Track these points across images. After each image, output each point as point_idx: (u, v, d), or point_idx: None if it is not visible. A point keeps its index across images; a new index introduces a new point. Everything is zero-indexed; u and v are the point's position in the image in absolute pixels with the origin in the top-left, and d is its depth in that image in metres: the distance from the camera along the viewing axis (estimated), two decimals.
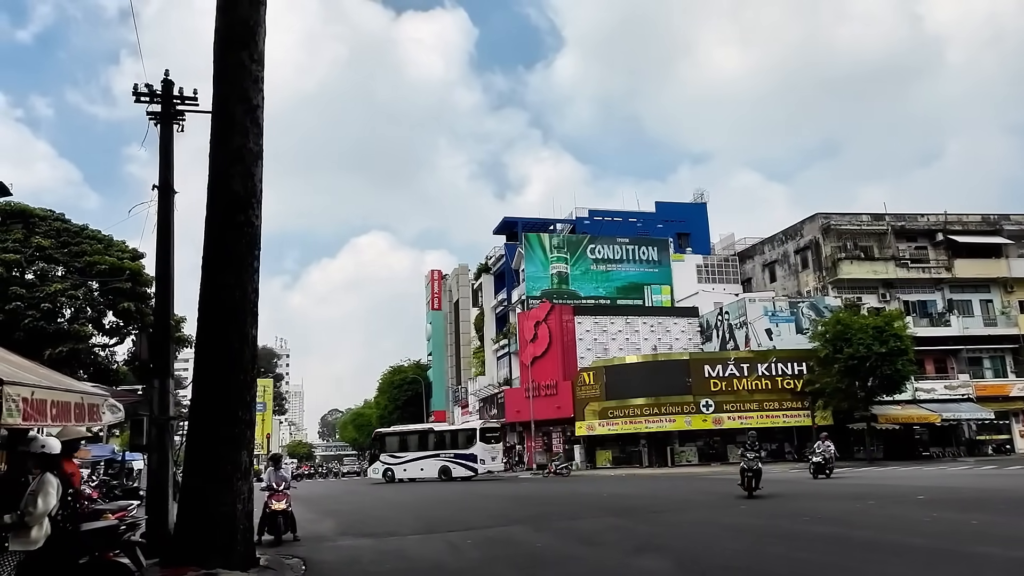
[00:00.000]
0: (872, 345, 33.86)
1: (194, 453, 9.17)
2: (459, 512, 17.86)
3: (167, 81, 12.46)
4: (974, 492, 16.99)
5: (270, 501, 12.85)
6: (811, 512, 13.73)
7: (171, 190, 12.10)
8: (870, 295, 43.59)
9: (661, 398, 40.69)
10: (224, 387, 9.16)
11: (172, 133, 12.36)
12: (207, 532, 8.77)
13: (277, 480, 13.30)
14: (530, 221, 57.72)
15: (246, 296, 9.50)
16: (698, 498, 18.89)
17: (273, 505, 12.77)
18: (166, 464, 11.04)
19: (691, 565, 8.48)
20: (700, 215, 59.67)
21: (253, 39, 10.14)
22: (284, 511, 12.77)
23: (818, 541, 9.82)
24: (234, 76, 9.99)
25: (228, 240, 9.59)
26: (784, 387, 39.98)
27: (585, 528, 12.85)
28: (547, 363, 46.39)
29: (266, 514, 12.74)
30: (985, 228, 45.55)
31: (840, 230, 44.80)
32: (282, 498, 12.89)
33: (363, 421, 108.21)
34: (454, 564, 9.69)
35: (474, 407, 60.03)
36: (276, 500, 12.84)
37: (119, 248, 31.19)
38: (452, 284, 73.83)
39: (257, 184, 9.94)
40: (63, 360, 27.28)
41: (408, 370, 78.82)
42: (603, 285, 51.84)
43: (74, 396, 8.82)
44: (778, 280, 49.96)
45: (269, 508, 12.76)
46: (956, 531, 10.36)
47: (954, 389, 41.83)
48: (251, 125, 9.95)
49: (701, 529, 12.17)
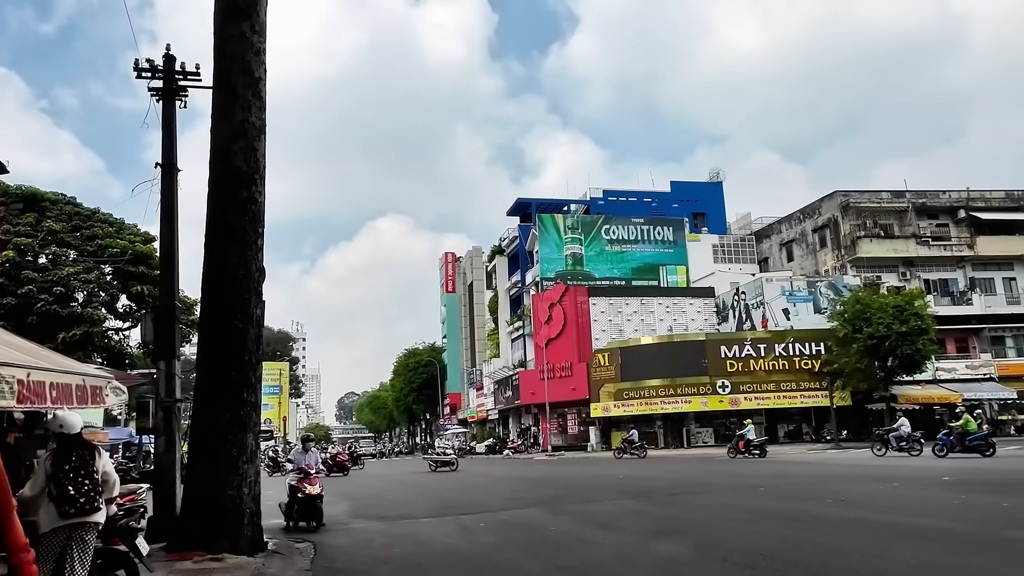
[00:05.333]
0: (892, 324, 33.24)
1: (199, 436, 8.95)
2: (474, 494, 17.66)
3: (168, 56, 12.14)
4: (1000, 474, 16.53)
5: (303, 485, 11.99)
6: (834, 495, 13.36)
7: (174, 168, 11.83)
8: (890, 274, 42.83)
9: (677, 379, 40.32)
10: (229, 368, 8.90)
11: (174, 109, 12.06)
12: (213, 516, 8.56)
13: (310, 463, 12.59)
14: (544, 202, 57.17)
15: (250, 275, 9.22)
16: (717, 480, 18.56)
17: (307, 489, 11.93)
18: (173, 447, 10.85)
19: (713, 550, 8.16)
20: (716, 194, 58.84)
21: (254, 9, 9.78)
22: (319, 496, 12.01)
23: (845, 525, 9.46)
24: (235, 48, 9.64)
25: (231, 217, 9.30)
26: (802, 367, 39.46)
27: (601, 511, 12.57)
28: (562, 345, 46.10)
29: (300, 499, 11.91)
30: (1009, 205, 44.53)
31: (859, 208, 43.95)
32: (315, 481, 12.12)
33: (379, 404, 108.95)
34: (466, 548, 9.43)
35: (489, 389, 59.97)
36: (311, 484, 12.02)
37: (131, 231, 31.16)
38: (466, 267, 73.56)
39: (260, 159, 9.63)
40: (77, 344, 27.36)
41: (423, 353, 78.93)
42: (618, 266, 51.34)
43: (75, 378, 8.60)
44: (795, 259, 49.22)
45: (304, 493, 11.89)
46: (988, 515, 9.96)
47: (976, 368, 41.11)
48: (253, 99, 9.62)
49: (722, 512, 11.84)
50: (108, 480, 5.67)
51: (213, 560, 8.12)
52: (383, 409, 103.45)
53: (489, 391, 59.88)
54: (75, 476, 5.32)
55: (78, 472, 5.34)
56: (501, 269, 62.12)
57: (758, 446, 28.19)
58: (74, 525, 5.30)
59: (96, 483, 5.44)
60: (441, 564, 8.43)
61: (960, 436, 22.89)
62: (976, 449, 22.28)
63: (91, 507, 5.36)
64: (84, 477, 5.36)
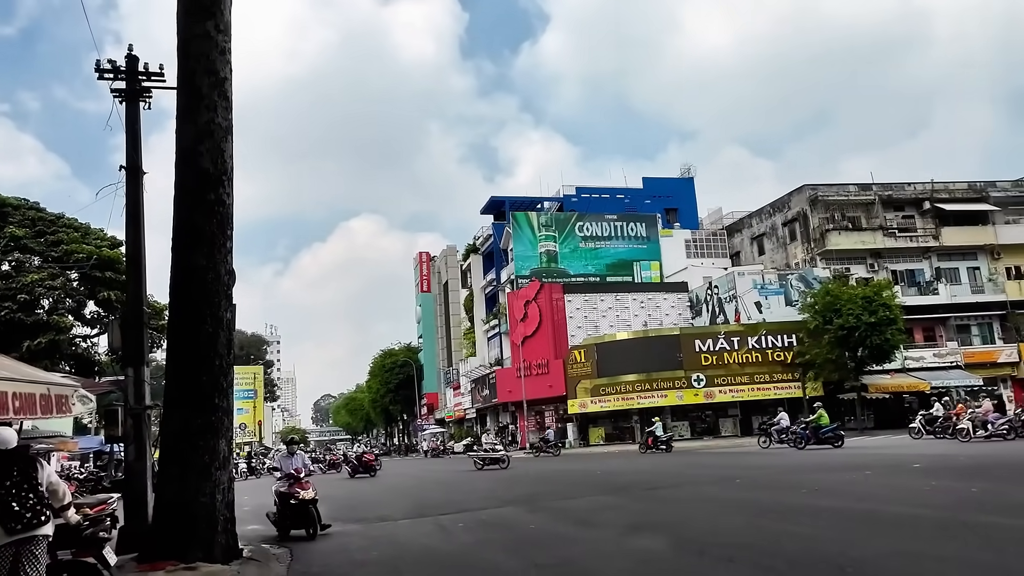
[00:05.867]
0: (861, 315, 33.82)
1: (170, 442, 8.78)
2: (452, 494, 17.60)
3: (131, 57, 11.90)
4: (968, 460, 16.89)
5: (295, 490, 11.28)
6: (809, 484, 13.54)
7: (140, 170, 11.59)
8: (858, 265, 43.53)
9: (652, 374, 40.60)
10: (199, 373, 8.74)
11: (139, 111, 11.82)
12: (186, 524, 8.40)
13: (298, 466, 11.89)
14: (518, 200, 57.19)
15: (219, 278, 9.07)
16: (693, 472, 18.71)
17: (301, 494, 11.22)
18: (143, 455, 10.64)
19: (689, 543, 8.21)
20: (687, 190, 59.32)
21: (219, 8, 9.60)
22: (313, 500, 11.29)
23: (821, 515, 9.58)
24: (200, 48, 9.46)
25: (199, 220, 9.13)
26: (774, 359, 39.97)
27: (579, 508, 12.60)
28: (538, 342, 46.16)
29: (292, 505, 11.23)
30: (972, 195, 45.47)
31: (827, 201, 44.60)
32: (308, 485, 11.42)
33: (356, 405, 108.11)
34: (445, 548, 9.39)
35: (466, 388, 59.87)
36: (303, 488, 11.32)
37: (97, 236, 30.58)
38: (441, 266, 73.33)
39: (228, 160, 9.46)
40: (43, 352, 26.78)
41: (399, 353, 78.49)
42: (592, 262, 51.54)
43: (40, 387, 8.42)
44: (767, 253, 49.81)
45: (296, 498, 11.19)
46: (958, 500, 10.16)
47: (943, 357, 41.94)
48: (219, 99, 9.44)
49: (699, 505, 11.94)
50: (55, 491, 5.60)
51: (187, 569, 7.97)
52: (360, 411, 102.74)
53: (466, 390, 59.78)
54: (18, 491, 5.22)
55: (20, 487, 5.25)
56: (476, 268, 62.03)
57: (665, 442, 30.37)
58: (22, 540, 5.21)
59: (41, 496, 5.37)
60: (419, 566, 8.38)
61: (815, 429, 25.74)
62: (828, 441, 25.23)
63: (38, 520, 5.29)
64: (28, 491, 5.28)
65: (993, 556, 6.54)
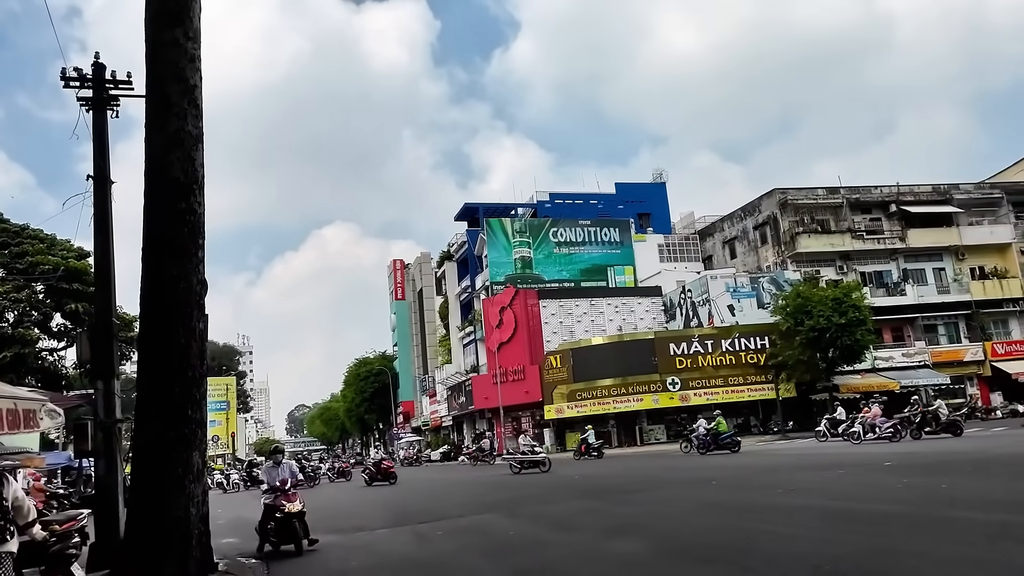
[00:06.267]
0: (832, 317, 34.33)
1: (142, 456, 8.61)
2: (430, 501, 17.51)
3: (97, 64, 11.71)
4: (936, 456, 17.21)
5: (280, 503, 10.74)
6: (784, 484, 13.70)
7: (108, 180, 11.39)
8: (828, 268, 44.20)
9: (628, 378, 40.81)
10: (171, 385, 8.60)
11: (106, 119, 11.62)
12: (159, 539, 8.24)
13: (284, 477, 11.18)
14: (491, 206, 57.21)
15: (191, 288, 8.93)
16: (670, 475, 18.83)
17: (286, 507, 10.65)
18: (114, 469, 10.42)
19: (669, 545, 8.26)
20: (660, 195, 59.82)
21: (188, 15, 9.50)
22: (300, 513, 10.76)
23: (797, 513, 9.70)
24: (168, 56, 9.34)
25: (170, 229, 8.99)
26: (748, 361, 40.41)
27: (558, 512, 12.61)
28: (513, 348, 46.16)
29: (277, 519, 10.70)
30: (936, 198, 46.46)
31: (797, 204, 45.27)
32: (295, 498, 10.86)
33: (331, 415, 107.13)
34: (424, 556, 9.34)
35: (442, 396, 59.63)
36: (288, 501, 10.73)
37: (63, 247, 29.98)
38: (415, 273, 73.05)
39: (199, 169, 9.34)
40: (8, 366, 26.17)
41: (374, 362, 77.95)
42: (567, 268, 51.72)
43: (5, 402, 8.23)
44: (738, 256, 50.38)
45: (282, 511, 10.65)
46: (930, 496, 10.35)
47: (911, 356, 42.75)
48: (189, 107, 9.33)
49: (677, 507, 12.01)
50: (20, 507, 5.48)
51: None
52: (335, 420, 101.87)
53: (442, 398, 59.55)
54: None
55: None
56: (450, 274, 61.91)
57: (596, 449, 31.42)
58: None
59: (6, 511, 5.24)
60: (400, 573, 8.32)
61: (715, 436, 27.36)
62: (726, 446, 26.83)
63: (1, 537, 5.16)
64: None
65: None
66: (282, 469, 11.41)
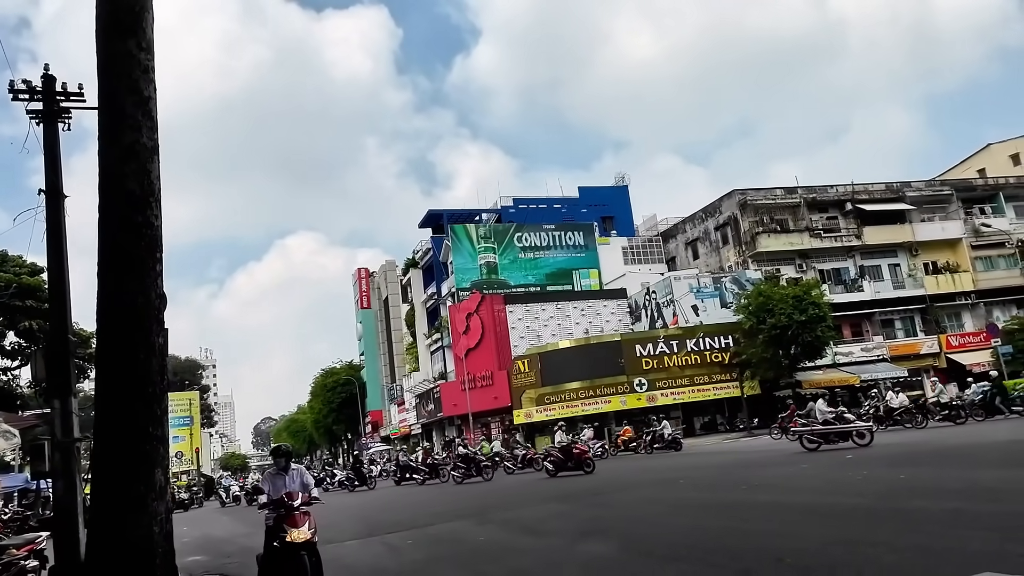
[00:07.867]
0: (793, 314, 35.01)
1: (102, 475, 8.40)
2: (401, 512, 17.40)
3: (48, 76, 11.47)
4: (897, 447, 17.66)
5: (284, 528, 7.27)
6: (748, 481, 13.93)
7: (60, 194, 11.16)
8: (788, 266, 45.06)
9: (596, 380, 41.05)
10: (132, 402, 8.42)
11: (57, 132, 11.39)
12: (122, 559, 8.05)
13: (292, 489, 7.68)
14: (456, 213, 57.14)
15: (150, 302, 8.76)
16: (639, 476, 19.00)
17: (291, 534, 7.17)
18: (74, 490, 10.17)
19: (637, 546, 8.35)
20: (622, 198, 60.39)
21: (140, 25, 9.33)
22: (309, 544, 7.23)
23: (759, 509, 9.88)
24: (122, 67, 9.16)
25: (126, 243, 8.81)
26: (713, 361, 40.95)
27: (529, 517, 12.64)
28: (481, 354, 46.12)
29: (277, 550, 7.29)
30: (889, 196, 47.70)
31: (756, 205, 46.08)
32: (303, 520, 7.30)
33: (298, 427, 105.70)
34: (395, 567, 9.30)
35: (410, 404, 59.28)
36: (295, 524, 7.26)
37: (15, 263, 29.18)
38: (380, 281, 72.56)
39: (155, 182, 9.17)
40: None
41: (341, 372, 77.06)
42: (532, 272, 51.86)
43: None
44: (701, 257, 51.08)
45: (285, 538, 7.19)
46: (888, 488, 10.62)
47: (870, 351, 43.76)
48: (143, 119, 9.15)
49: (645, 508, 12.14)
50: None
51: None
52: (302, 432, 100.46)
53: (411, 406, 59.20)
54: None
55: None
56: (416, 282, 61.64)
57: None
58: None
59: None
60: None
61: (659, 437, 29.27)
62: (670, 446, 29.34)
63: None
64: None
65: None
66: (290, 477, 7.97)
